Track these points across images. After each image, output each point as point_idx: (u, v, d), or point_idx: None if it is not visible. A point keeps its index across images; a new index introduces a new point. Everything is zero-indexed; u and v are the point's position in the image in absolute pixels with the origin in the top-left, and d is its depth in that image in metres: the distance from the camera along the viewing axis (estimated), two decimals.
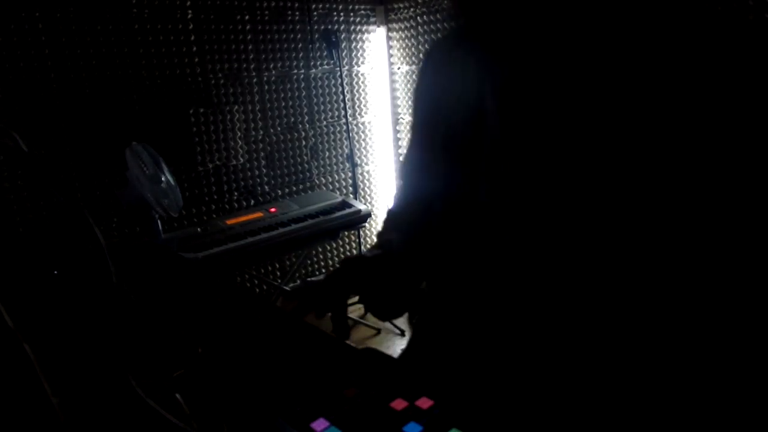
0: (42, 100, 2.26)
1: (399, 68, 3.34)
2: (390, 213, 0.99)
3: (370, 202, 3.44)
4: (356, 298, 0.87)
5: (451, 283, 0.82)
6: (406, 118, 3.37)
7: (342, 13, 3.16)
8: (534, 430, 0.64)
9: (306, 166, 3.15)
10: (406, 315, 0.91)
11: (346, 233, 3.26)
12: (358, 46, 3.27)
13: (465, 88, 0.74)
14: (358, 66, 3.29)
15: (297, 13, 2.99)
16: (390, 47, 3.35)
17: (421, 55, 3.18)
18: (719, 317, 0.62)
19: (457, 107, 0.75)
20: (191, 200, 2.72)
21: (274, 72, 2.95)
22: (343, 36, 3.14)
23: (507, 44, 0.69)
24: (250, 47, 2.84)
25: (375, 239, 0.93)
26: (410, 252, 0.87)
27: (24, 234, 2.18)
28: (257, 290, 3.03)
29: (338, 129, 3.24)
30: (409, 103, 3.33)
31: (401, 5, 3.22)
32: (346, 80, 3.19)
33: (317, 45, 3.06)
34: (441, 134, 0.78)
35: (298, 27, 3.00)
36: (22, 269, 1.03)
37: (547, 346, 0.69)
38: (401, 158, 3.23)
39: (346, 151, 3.19)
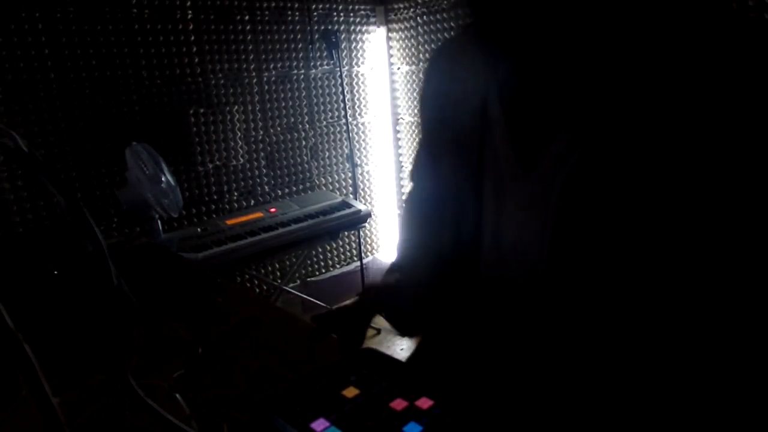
0: (42, 100, 2.26)
1: (399, 68, 3.34)
2: (406, 214, 0.98)
3: (370, 202, 3.44)
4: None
5: (457, 291, 0.81)
6: (406, 118, 3.37)
7: (342, 14, 3.16)
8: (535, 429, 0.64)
9: (306, 166, 3.15)
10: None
11: (346, 233, 3.26)
12: (358, 47, 3.27)
13: (471, 91, 0.73)
14: (358, 66, 3.29)
15: (297, 13, 2.99)
16: (390, 47, 3.35)
17: (421, 56, 3.18)
18: (723, 322, 0.61)
19: (464, 113, 0.74)
20: (191, 200, 2.72)
21: (274, 72, 2.95)
22: (343, 36, 3.14)
23: (513, 48, 0.67)
24: (250, 47, 2.84)
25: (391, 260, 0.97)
26: (427, 267, 0.86)
27: (24, 234, 2.18)
28: (257, 290, 3.03)
29: (338, 129, 3.24)
30: (409, 103, 3.33)
31: (401, 5, 3.22)
32: (346, 80, 3.19)
33: (317, 45, 3.06)
34: (448, 140, 0.77)
35: (298, 27, 3.00)
36: (22, 269, 1.03)
37: (551, 350, 0.69)
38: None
39: (346, 151, 3.19)
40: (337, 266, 3.36)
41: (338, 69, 3.00)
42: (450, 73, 0.79)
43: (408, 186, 3.27)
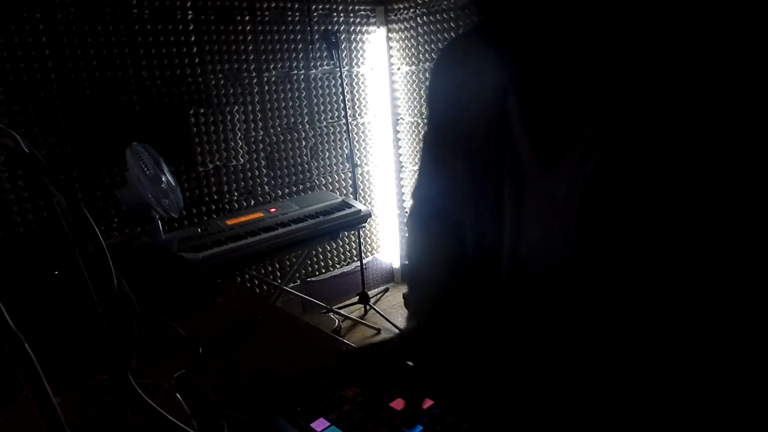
0: (43, 100, 2.26)
1: (399, 69, 3.34)
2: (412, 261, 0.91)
3: (369, 203, 3.44)
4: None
5: (478, 301, 0.78)
6: (406, 118, 3.37)
7: (342, 14, 3.16)
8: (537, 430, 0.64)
9: (306, 166, 3.15)
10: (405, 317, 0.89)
11: (346, 233, 3.26)
12: (358, 47, 3.27)
13: (485, 89, 0.69)
14: (358, 66, 3.29)
15: (297, 13, 2.99)
16: (390, 48, 3.35)
17: (421, 56, 3.18)
18: (725, 320, 0.60)
19: (477, 115, 0.71)
20: (191, 200, 2.72)
21: (274, 72, 2.95)
22: (343, 36, 3.15)
23: (526, 44, 0.63)
24: (250, 47, 2.84)
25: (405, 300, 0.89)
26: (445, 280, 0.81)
27: (24, 234, 2.18)
28: (257, 290, 3.03)
29: (338, 129, 3.24)
30: (409, 103, 3.33)
31: (401, 6, 3.22)
32: (346, 81, 3.19)
33: (317, 45, 3.06)
34: (462, 143, 0.74)
35: (298, 27, 3.00)
36: (22, 269, 1.04)
37: (570, 354, 0.67)
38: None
39: (346, 151, 3.19)
40: (337, 266, 3.37)
41: (338, 69, 3.01)
42: (459, 74, 0.76)
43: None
